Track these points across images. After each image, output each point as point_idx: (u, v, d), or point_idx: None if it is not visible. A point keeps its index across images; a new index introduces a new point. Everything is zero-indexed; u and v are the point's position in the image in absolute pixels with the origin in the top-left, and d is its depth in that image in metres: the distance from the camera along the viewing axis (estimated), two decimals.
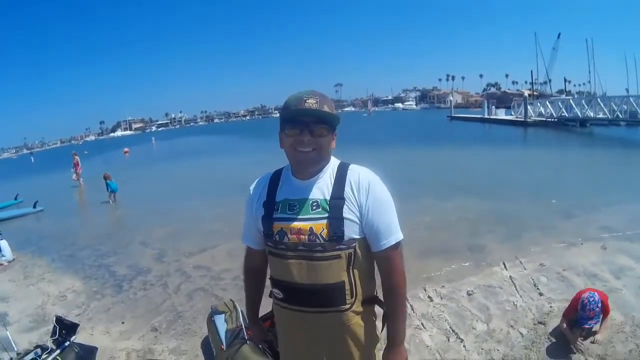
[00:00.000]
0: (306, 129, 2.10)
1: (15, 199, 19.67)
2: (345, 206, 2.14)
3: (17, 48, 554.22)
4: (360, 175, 2.20)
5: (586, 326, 4.84)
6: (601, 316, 4.96)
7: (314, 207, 2.16)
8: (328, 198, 2.16)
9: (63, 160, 25.98)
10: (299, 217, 2.16)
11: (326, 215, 2.13)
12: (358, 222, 2.15)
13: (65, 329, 5.17)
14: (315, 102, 2.09)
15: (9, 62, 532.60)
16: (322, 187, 2.19)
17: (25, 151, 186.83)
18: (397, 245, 2.23)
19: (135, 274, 8.82)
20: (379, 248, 2.20)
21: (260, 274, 2.57)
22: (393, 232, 2.21)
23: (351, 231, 2.13)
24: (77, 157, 25.23)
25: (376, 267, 2.33)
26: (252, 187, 2.41)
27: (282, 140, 2.22)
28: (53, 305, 7.56)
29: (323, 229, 2.12)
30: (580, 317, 4.86)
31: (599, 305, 4.82)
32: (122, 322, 6.61)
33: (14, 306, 7.66)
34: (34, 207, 17.51)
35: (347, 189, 2.17)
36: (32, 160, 69.53)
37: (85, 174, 24.59)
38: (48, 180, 23.70)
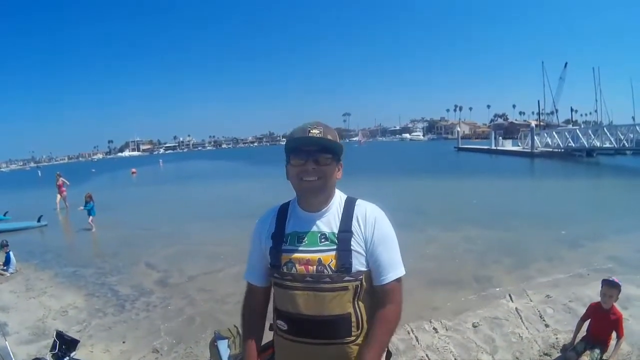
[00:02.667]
0: (310, 158, 2.13)
1: (5, 215, 19.47)
2: (352, 239, 2.16)
3: (29, 62, 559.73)
4: (367, 211, 2.23)
5: (607, 285, 5.03)
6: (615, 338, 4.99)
7: (322, 240, 2.17)
8: (336, 231, 2.18)
9: (70, 176, 25.93)
10: (308, 248, 2.17)
11: (334, 247, 2.15)
12: (364, 254, 2.17)
13: (65, 344, 5.15)
14: (318, 131, 2.12)
15: (19, 76, 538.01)
16: (329, 221, 2.21)
17: (32, 164, 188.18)
18: (399, 280, 2.24)
19: (139, 294, 8.79)
20: (380, 282, 2.20)
21: (263, 314, 2.49)
22: (395, 267, 2.22)
23: (358, 263, 2.14)
24: (61, 178, 24.04)
25: None
26: (259, 220, 2.41)
27: (288, 172, 2.24)
28: (54, 319, 7.56)
29: (332, 260, 2.12)
30: (603, 280, 5.16)
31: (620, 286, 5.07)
32: (123, 342, 6.57)
33: (14, 317, 7.67)
34: (38, 221, 17.66)
35: (354, 222, 2.19)
36: (39, 174, 69.97)
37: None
38: (53, 195, 23.58)
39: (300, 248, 2.18)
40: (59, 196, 23.48)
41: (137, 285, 9.36)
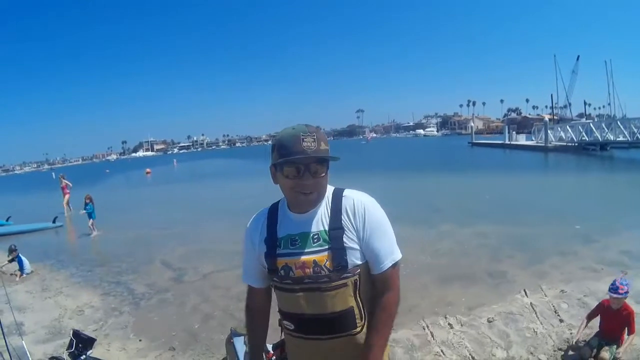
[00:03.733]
0: (307, 172, 2.07)
1: (7, 220, 19.36)
2: (344, 235, 2.14)
3: (41, 65, 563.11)
4: (355, 201, 2.19)
5: (613, 295, 4.86)
6: (626, 333, 4.95)
7: (315, 240, 2.15)
8: (327, 229, 2.16)
9: (85, 177, 26.01)
10: (302, 251, 2.16)
11: (328, 246, 2.13)
12: (358, 248, 2.15)
13: (81, 342, 5.20)
14: (312, 140, 2.05)
15: (32, 79, 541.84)
16: (320, 219, 2.19)
17: (46, 166, 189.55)
18: (395, 265, 2.22)
19: (154, 292, 8.87)
20: (379, 270, 2.19)
21: (264, 314, 2.54)
22: (391, 253, 2.20)
23: (354, 258, 2.13)
24: (64, 180, 23.13)
25: None
26: (249, 225, 2.41)
27: (279, 180, 2.18)
28: (70, 319, 7.65)
29: (327, 260, 2.11)
30: (610, 287, 4.95)
31: (629, 286, 4.93)
32: (140, 340, 6.63)
33: (30, 317, 7.76)
34: (53, 222, 17.88)
35: (344, 216, 2.16)
36: (54, 176, 70.21)
37: (103, 195, 24.17)
38: (61, 197, 23.55)
39: (295, 251, 2.17)
40: (65, 198, 22.75)
41: (153, 283, 9.45)
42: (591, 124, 43.88)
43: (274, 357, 3.33)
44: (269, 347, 3.15)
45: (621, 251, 9.19)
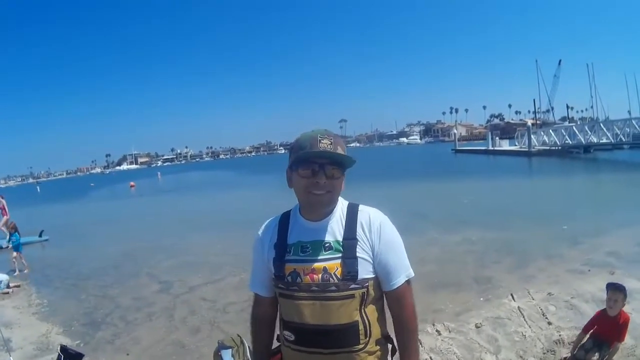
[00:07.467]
0: (321, 171, 2.06)
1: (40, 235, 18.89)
2: (358, 246, 2.11)
3: (25, 77, 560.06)
4: (371, 216, 2.19)
5: (614, 289, 4.85)
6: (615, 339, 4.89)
7: (327, 248, 2.12)
8: (340, 239, 2.13)
9: (69, 191, 25.77)
10: (313, 258, 2.12)
11: (339, 255, 2.10)
12: (370, 261, 2.13)
13: (69, 358, 5.14)
14: (329, 142, 2.05)
15: (16, 92, 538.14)
16: (333, 229, 2.17)
17: (31, 180, 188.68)
18: (408, 282, 2.22)
19: (141, 305, 8.81)
20: (391, 287, 2.18)
21: (270, 324, 2.49)
22: (404, 270, 2.19)
23: (364, 270, 2.10)
24: (3, 200, 18.86)
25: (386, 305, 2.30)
26: (260, 231, 2.36)
27: (294, 181, 2.17)
28: (57, 334, 7.57)
29: (337, 268, 2.08)
30: (608, 284, 4.98)
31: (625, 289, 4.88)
32: (127, 354, 6.58)
33: (17, 333, 7.67)
34: (40, 236, 17.64)
35: (358, 229, 2.15)
36: (38, 190, 69.56)
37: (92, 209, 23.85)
38: (54, 210, 23.32)
39: (305, 257, 2.13)
40: (3, 219, 18.70)
41: (140, 296, 9.39)
42: (574, 127, 44.44)
43: None
44: None
45: (608, 252, 9.27)
